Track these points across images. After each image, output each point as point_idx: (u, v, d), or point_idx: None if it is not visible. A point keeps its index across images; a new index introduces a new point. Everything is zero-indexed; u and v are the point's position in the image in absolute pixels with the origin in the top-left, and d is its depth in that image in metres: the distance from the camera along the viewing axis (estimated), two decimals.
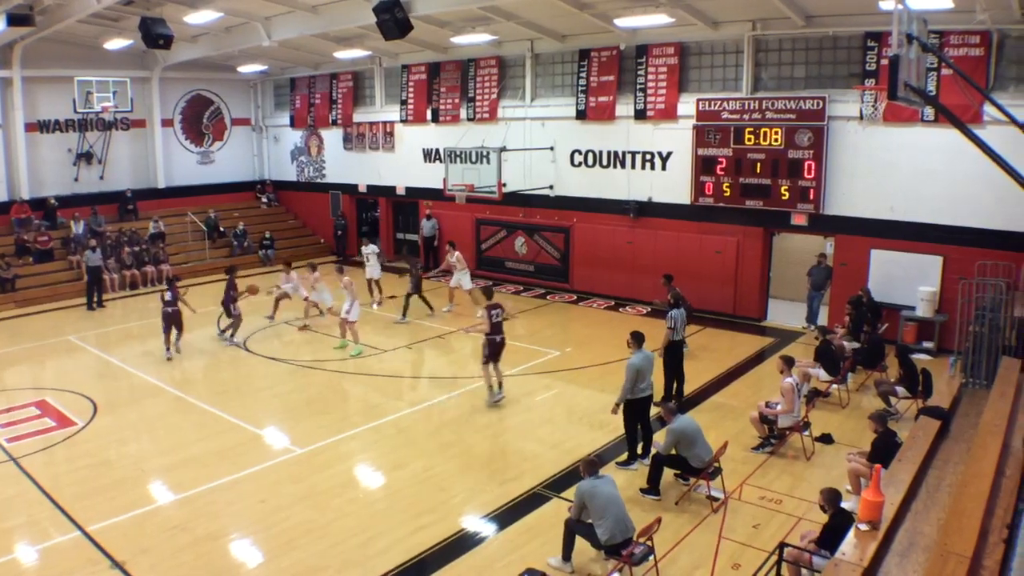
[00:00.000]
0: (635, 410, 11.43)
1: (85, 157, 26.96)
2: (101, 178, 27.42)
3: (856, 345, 15.30)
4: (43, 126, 25.98)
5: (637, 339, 11.57)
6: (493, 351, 13.84)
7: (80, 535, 9.47)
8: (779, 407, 11.83)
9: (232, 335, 18.04)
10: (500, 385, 14.11)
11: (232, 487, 10.85)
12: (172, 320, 16.83)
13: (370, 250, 21.04)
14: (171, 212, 28.30)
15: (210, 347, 17.92)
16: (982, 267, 14.90)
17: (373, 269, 21.29)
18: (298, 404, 14.36)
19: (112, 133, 27.52)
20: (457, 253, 20.53)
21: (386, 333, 18.66)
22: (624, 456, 11.49)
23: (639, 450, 11.58)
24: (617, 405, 11.38)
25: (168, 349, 16.90)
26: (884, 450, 9.49)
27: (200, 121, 30.54)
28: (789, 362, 12.07)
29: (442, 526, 9.74)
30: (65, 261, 24.46)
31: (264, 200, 32.05)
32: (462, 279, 20.51)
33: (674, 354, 13.92)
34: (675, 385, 14.02)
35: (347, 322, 17.06)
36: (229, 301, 17.95)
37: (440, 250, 25.73)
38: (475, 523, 9.90)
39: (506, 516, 10.05)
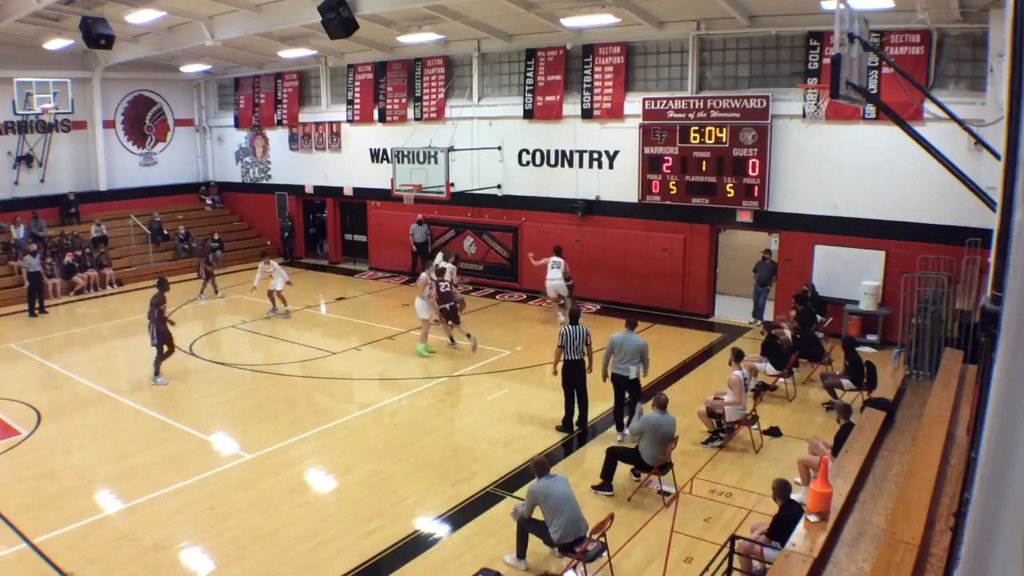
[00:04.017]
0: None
1: (25, 160, 26.25)
2: (42, 181, 26.72)
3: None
4: None
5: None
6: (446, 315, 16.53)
7: (27, 547, 9.24)
8: (727, 399, 11.99)
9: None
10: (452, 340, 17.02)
11: (179, 495, 10.67)
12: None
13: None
14: (114, 215, 27.75)
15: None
16: (923, 261, 15.22)
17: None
18: (247, 409, 14.17)
19: (53, 135, 26.83)
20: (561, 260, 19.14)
21: (335, 335, 18.47)
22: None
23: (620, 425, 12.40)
24: (604, 377, 12.33)
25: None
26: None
27: (143, 122, 29.89)
28: (738, 355, 12.27)
29: (394, 529, 9.68)
30: (6, 267, 23.84)
31: (209, 202, 31.52)
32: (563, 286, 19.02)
33: (571, 376, 12.53)
34: (576, 411, 12.76)
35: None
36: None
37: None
38: (428, 525, 9.86)
39: (459, 517, 10.03)
